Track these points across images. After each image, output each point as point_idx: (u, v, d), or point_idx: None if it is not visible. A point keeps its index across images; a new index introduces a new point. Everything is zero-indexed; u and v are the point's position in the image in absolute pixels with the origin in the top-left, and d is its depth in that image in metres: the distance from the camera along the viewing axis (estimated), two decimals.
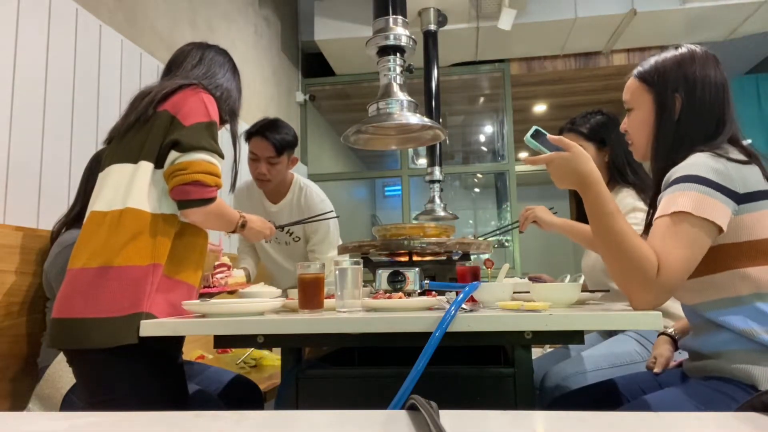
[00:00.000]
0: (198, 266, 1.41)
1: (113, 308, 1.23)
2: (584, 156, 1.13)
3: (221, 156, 1.37)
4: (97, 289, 1.24)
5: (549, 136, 1.19)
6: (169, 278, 1.32)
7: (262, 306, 1.22)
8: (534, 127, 1.19)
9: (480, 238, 2.05)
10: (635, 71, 1.30)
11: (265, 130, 2.21)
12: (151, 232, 1.30)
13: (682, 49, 1.25)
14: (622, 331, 1.73)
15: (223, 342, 1.17)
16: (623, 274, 1.07)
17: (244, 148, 2.24)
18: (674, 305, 1.64)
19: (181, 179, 1.29)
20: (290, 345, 1.24)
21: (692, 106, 1.19)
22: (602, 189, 1.11)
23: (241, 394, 1.74)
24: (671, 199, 1.09)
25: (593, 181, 1.11)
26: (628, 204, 1.73)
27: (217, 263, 1.70)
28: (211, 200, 1.33)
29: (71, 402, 1.52)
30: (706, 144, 1.16)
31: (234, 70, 1.58)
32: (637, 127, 1.28)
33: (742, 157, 1.13)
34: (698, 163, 1.11)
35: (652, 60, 1.27)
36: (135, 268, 1.26)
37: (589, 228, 1.73)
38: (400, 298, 1.26)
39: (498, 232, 2.25)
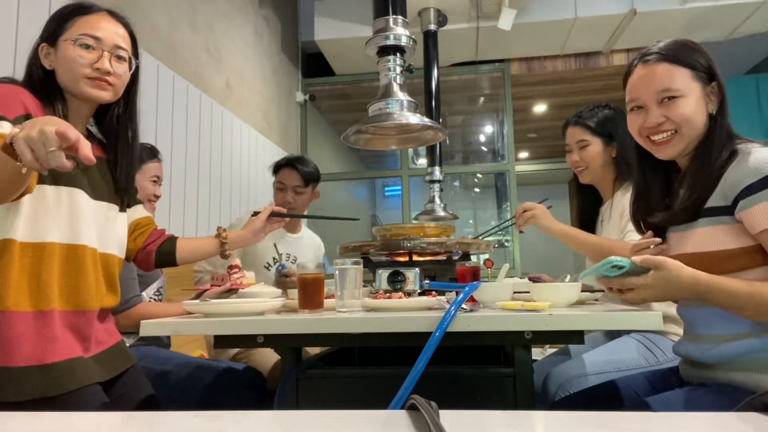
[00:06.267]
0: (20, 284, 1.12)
1: None
2: (680, 267, 1.03)
3: None
4: None
5: (634, 258, 1.04)
6: None
7: (262, 306, 1.22)
8: (610, 262, 1.01)
9: (480, 237, 2.05)
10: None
11: (293, 162, 2.39)
12: None
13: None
14: (626, 333, 1.71)
15: (223, 342, 1.17)
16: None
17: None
18: None
19: None
20: (290, 345, 1.24)
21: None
22: (716, 283, 1.03)
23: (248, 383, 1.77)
24: None
25: (704, 283, 1.03)
26: None
27: (231, 264, 1.76)
28: None
29: None
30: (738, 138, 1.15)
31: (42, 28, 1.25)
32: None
33: None
34: None
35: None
36: None
37: (589, 239, 1.71)
38: (400, 298, 1.26)
39: (494, 230, 2.21)
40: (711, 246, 1.11)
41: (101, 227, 1.29)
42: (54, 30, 1.22)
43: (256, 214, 1.63)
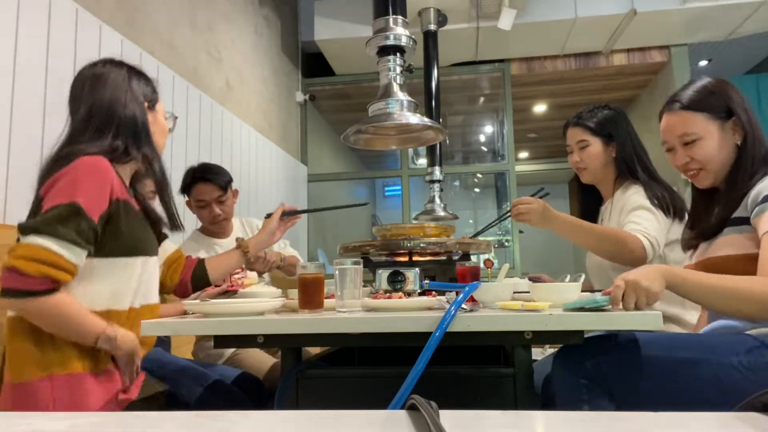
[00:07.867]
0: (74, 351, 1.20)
1: None
2: (643, 269, 1.13)
3: (78, 244, 1.15)
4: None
5: (603, 293, 1.14)
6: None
7: (262, 306, 1.22)
8: (595, 301, 1.08)
9: (479, 237, 2.04)
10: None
11: (202, 174, 2.18)
12: (11, 339, 1.19)
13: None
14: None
15: (223, 342, 1.17)
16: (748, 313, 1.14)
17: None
18: (686, 313, 1.62)
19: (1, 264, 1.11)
20: (290, 345, 1.24)
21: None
22: (682, 271, 1.15)
23: (247, 387, 1.76)
24: None
25: (671, 270, 1.14)
26: (635, 201, 1.68)
27: None
28: (31, 293, 1.10)
29: None
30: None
31: (131, 82, 1.40)
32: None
33: None
34: None
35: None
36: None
37: (585, 225, 1.70)
38: (400, 298, 1.26)
39: (490, 226, 2.20)
40: (736, 250, 1.24)
41: (154, 283, 1.43)
42: (153, 99, 1.46)
43: (269, 216, 1.75)
